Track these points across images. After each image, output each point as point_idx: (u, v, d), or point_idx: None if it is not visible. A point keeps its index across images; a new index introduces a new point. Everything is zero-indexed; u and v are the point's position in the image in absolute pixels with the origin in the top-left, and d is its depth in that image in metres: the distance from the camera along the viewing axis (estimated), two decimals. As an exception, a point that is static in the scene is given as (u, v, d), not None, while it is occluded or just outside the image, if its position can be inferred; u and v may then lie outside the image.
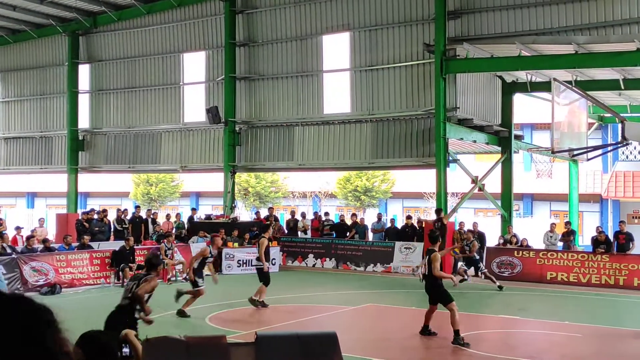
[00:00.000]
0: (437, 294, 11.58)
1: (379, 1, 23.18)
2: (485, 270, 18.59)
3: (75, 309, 14.60)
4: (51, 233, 27.34)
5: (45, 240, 19.12)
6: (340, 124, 24.35)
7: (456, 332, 10.96)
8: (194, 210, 28.03)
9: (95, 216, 23.90)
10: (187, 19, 27.31)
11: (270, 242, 15.81)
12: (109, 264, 18.34)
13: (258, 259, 14.90)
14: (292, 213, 26.12)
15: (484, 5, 21.14)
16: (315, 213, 27.57)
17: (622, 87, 22.39)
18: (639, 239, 19.91)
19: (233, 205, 25.91)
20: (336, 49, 24.43)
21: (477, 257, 18.74)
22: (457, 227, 21.73)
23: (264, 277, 14.72)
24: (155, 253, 12.87)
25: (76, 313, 14.18)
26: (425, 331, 11.78)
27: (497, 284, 17.71)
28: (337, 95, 24.48)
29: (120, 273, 18.04)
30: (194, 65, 27.63)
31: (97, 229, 22.87)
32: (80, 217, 24.38)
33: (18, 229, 23.27)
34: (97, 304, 15.53)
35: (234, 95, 26.04)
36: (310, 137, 24.96)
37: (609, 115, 26.98)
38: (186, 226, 24.61)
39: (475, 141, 23.36)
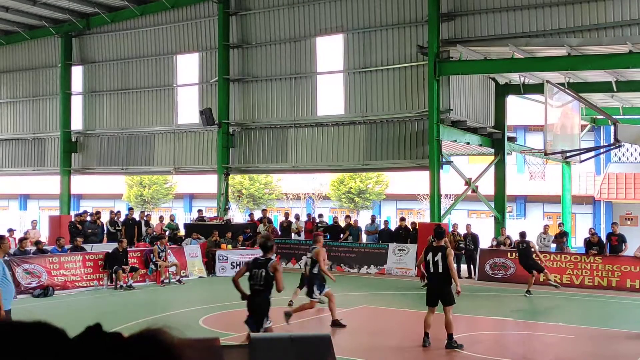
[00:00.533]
0: (446, 293, 10.92)
1: (372, 3, 23.21)
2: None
3: (68, 312, 14.55)
4: (44, 235, 27.26)
5: (38, 243, 19.06)
6: (334, 125, 24.37)
7: (450, 336, 10.91)
8: (200, 211, 27.80)
9: (88, 218, 23.83)
10: (181, 21, 27.28)
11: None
12: (102, 266, 18.28)
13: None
14: (286, 215, 26.11)
15: (477, 8, 21.19)
16: (309, 215, 27.56)
17: (615, 89, 22.47)
18: (631, 240, 19.97)
19: (226, 207, 25.88)
20: (330, 51, 24.44)
21: None
22: (450, 229, 21.78)
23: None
24: (267, 235, 11.76)
25: (69, 316, 14.13)
26: (428, 341, 11.09)
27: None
28: (330, 97, 24.49)
29: (114, 275, 17.99)
30: (188, 67, 27.60)
31: (90, 231, 22.81)
32: (73, 219, 24.30)
33: (10, 231, 23.19)
34: (90, 306, 15.50)
35: (228, 97, 26.02)
36: (304, 138, 24.96)
37: (601, 117, 27.08)
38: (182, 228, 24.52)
39: (468, 143, 23.41)
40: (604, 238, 20.35)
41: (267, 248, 9.43)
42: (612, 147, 19.99)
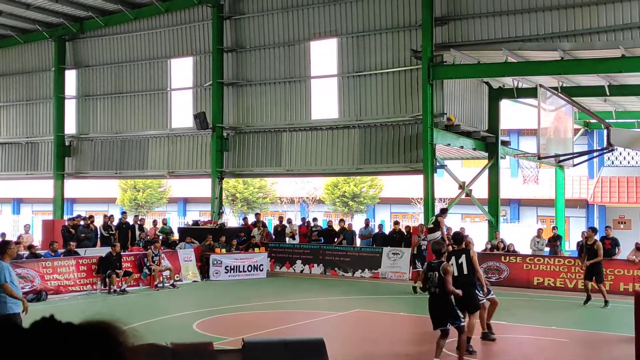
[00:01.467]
0: (472, 298, 10.73)
1: (366, 7, 23.26)
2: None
3: (61, 317, 14.50)
4: (37, 239, 27.16)
5: (31, 247, 18.99)
6: (328, 129, 24.38)
7: (468, 339, 10.67)
8: (196, 222, 27.63)
9: (82, 222, 23.76)
10: (175, 25, 27.27)
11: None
12: (96, 270, 18.21)
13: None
14: (281, 219, 26.11)
15: (470, 12, 21.25)
16: (303, 219, 27.55)
17: (608, 94, 22.57)
18: (624, 244, 20.02)
19: (220, 211, 25.86)
20: (324, 55, 24.47)
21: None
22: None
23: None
24: (439, 242, 12.39)
25: (62, 320, 14.09)
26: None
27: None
28: (324, 101, 24.52)
29: (107, 280, 17.93)
30: (182, 71, 27.58)
31: (83, 235, 22.74)
32: (66, 224, 24.23)
33: (3, 235, 23.09)
34: (83, 310, 15.44)
35: (222, 101, 26.01)
36: (298, 142, 24.97)
37: (594, 121, 27.17)
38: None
39: (462, 147, 23.45)
40: (597, 242, 20.34)
41: (440, 254, 10.08)
42: (605, 151, 20.05)
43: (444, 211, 19.31)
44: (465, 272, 10.79)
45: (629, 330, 12.05)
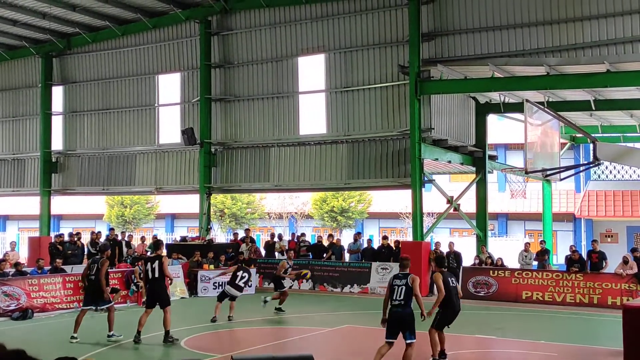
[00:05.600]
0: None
1: (353, 23, 23.39)
2: None
3: (47, 334, 14.34)
4: (24, 257, 26.92)
5: (17, 264, 18.79)
6: (316, 144, 24.41)
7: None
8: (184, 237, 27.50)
9: (66, 238, 23.58)
10: (162, 41, 27.29)
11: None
12: (82, 287, 18.02)
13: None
14: (272, 235, 26.02)
15: (457, 28, 21.41)
16: (293, 234, 27.49)
17: (593, 108, 22.76)
18: (611, 257, 20.12)
19: (209, 227, 25.75)
20: (312, 70, 24.54)
21: None
22: (433, 247, 21.82)
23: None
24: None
25: (48, 338, 13.93)
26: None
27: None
28: (312, 117, 24.55)
29: (94, 297, 17.75)
30: (169, 87, 27.56)
31: (70, 252, 22.55)
32: (53, 240, 24.04)
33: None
34: (70, 328, 15.28)
35: (210, 116, 26.01)
36: (286, 158, 24.97)
37: (580, 135, 27.39)
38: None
39: (450, 161, 23.54)
40: (584, 255, 20.49)
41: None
42: (591, 165, 20.17)
43: None
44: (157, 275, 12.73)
45: (617, 344, 12.07)
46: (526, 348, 12.79)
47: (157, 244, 13.98)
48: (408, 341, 9.71)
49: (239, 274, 15.95)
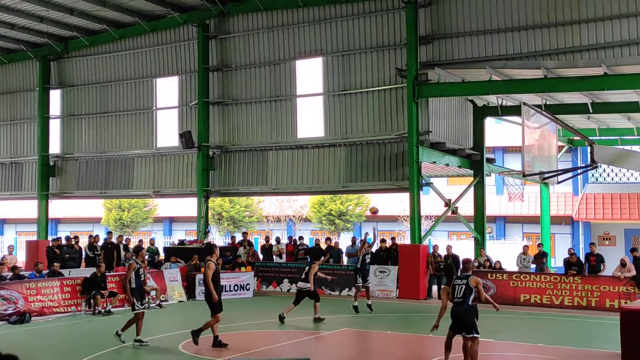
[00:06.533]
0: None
1: (351, 27, 23.42)
2: None
3: (45, 338, 14.31)
4: (21, 260, 26.87)
5: (14, 268, 18.76)
6: (314, 148, 24.41)
7: None
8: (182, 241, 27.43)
9: (64, 242, 23.54)
10: (160, 44, 27.29)
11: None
12: (80, 291, 18.02)
13: (304, 280, 16.30)
14: (267, 238, 26.02)
15: (454, 31, 21.44)
16: (290, 237, 27.45)
17: (591, 111, 22.77)
18: (609, 260, 20.11)
19: (207, 230, 25.74)
20: (309, 73, 24.56)
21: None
22: (431, 250, 21.82)
23: (314, 296, 16.08)
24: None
25: (46, 342, 13.90)
26: None
27: None
28: (310, 120, 24.57)
29: (92, 300, 17.75)
30: (167, 90, 27.56)
31: (67, 255, 22.52)
32: (50, 244, 24.00)
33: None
34: (67, 333, 15.25)
35: (208, 119, 26.01)
36: (284, 161, 24.98)
37: (578, 138, 27.41)
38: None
39: (447, 164, 23.54)
40: (582, 258, 20.49)
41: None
42: (589, 168, 20.21)
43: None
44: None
45: (615, 347, 12.07)
46: (524, 351, 12.79)
47: (210, 247, 13.77)
48: (469, 335, 10.28)
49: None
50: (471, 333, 10.29)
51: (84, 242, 24.22)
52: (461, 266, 11.13)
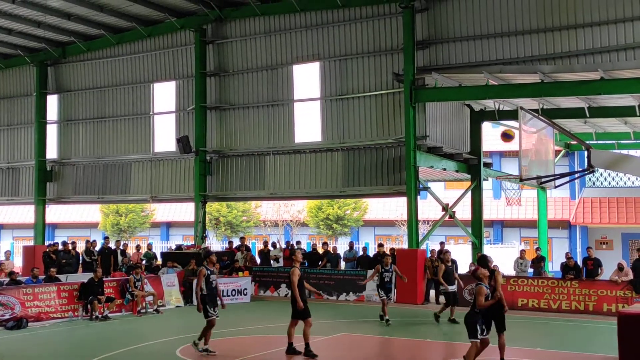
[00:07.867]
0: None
1: (348, 31, 23.45)
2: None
3: (42, 344, 14.28)
4: (19, 266, 26.82)
5: (11, 273, 18.73)
6: (312, 152, 24.43)
7: None
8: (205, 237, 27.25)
9: (60, 247, 23.50)
10: (157, 49, 27.31)
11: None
12: (77, 296, 17.98)
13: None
14: (265, 243, 26.01)
15: (451, 36, 21.48)
16: (288, 242, 27.44)
17: (588, 115, 22.82)
18: (606, 264, 20.14)
19: (204, 235, 25.72)
20: (306, 78, 24.58)
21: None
22: (428, 255, 21.83)
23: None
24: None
25: (43, 348, 13.87)
26: None
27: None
28: (308, 124, 24.58)
29: (89, 306, 17.71)
30: (165, 95, 27.57)
31: (64, 261, 22.48)
32: (47, 249, 23.96)
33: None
34: (64, 338, 15.22)
35: (205, 124, 26.01)
36: (281, 166, 24.98)
37: (575, 142, 27.44)
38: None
39: (445, 169, 23.57)
40: (580, 262, 20.50)
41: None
42: (586, 172, 20.15)
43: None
44: None
45: (612, 351, 12.08)
46: (522, 355, 12.78)
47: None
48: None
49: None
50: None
51: (81, 248, 24.17)
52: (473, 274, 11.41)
